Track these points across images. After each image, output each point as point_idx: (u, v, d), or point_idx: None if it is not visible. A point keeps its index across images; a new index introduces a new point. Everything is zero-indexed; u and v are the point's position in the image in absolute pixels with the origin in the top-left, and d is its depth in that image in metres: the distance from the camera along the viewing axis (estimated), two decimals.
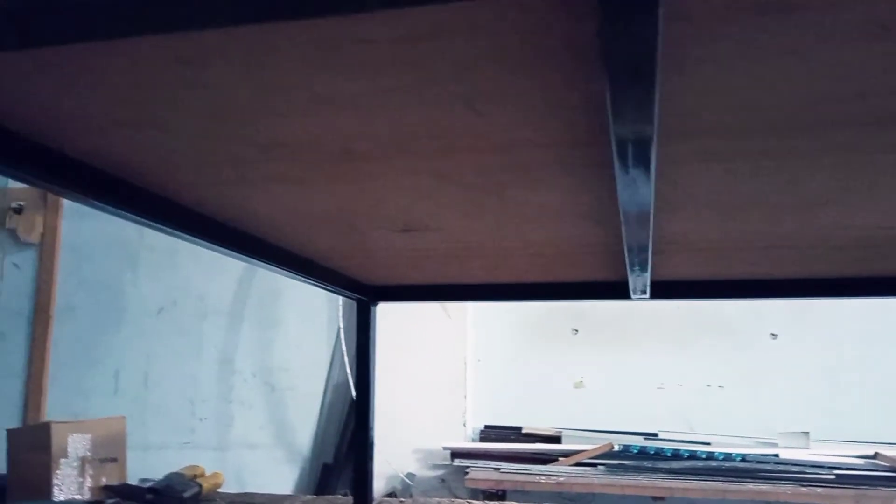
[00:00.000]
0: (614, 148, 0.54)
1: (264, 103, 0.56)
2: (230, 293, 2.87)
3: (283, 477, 2.75)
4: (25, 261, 3.00)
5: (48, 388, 2.92)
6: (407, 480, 2.54)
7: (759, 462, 2.14)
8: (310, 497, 1.60)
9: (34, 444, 1.25)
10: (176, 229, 0.85)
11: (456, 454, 2.47)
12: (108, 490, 1.31)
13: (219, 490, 1.52)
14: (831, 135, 0.59)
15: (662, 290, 1.16)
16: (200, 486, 1.37)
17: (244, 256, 1.01)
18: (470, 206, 0.82)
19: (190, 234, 0.88)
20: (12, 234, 2.98)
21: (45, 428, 1.23)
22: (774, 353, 2.39)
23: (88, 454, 1.30)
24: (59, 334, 2.94)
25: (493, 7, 0.42)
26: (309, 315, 2.82)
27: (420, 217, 0.88)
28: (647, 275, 0.99)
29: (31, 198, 2.94)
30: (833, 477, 2.03)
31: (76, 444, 1.28)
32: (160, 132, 0.61)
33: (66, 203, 2.96)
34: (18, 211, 2.94)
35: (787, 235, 0.94)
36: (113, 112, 0.58)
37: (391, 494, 2.55)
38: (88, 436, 1.30)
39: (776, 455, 2.15)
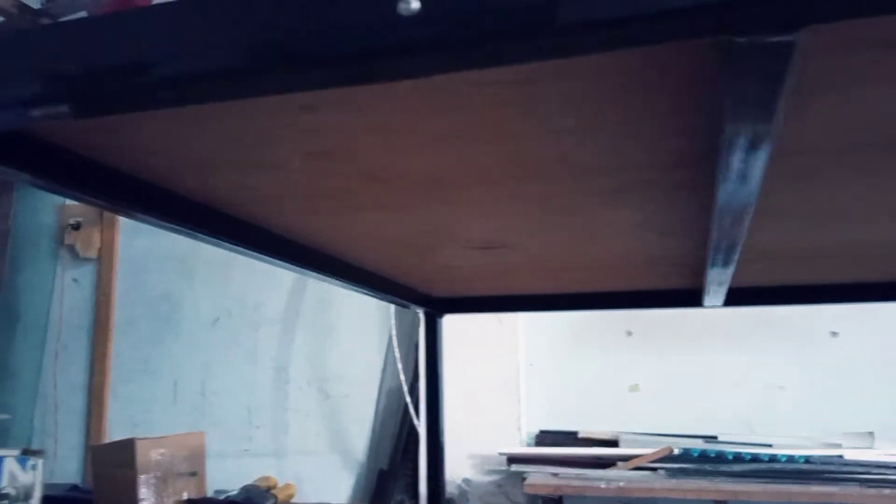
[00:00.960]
0: (723, 169, 0.54)
1: (371, 141, 0.58)
2: (283, 303, 2.91)
3: (340, 483, 2.79)
4: (84, 276, 3.09)
5: (109, 399, 3.00)
6: (463, 486, 2.55)
7: (823, 463, 2.11)
8: None
9: (119, 459, 1.29)
10: (263, 253, 0.88)
11: (512, 459, 2.47)
12: (192, 503, 1.35)
13: (292, 501, 1.55)
14: None
15: (736, 296, 1.15)
16: (276, 497, 1.40)
17: (322, 275, 1.03)
18: (551, 226, 0.83)
19: (275, 257, 0.91)
20: (71, 250, 3.07)
21: (130, 444, 1.27)
22: (835, 352, 2.35)
23: (170, 469, 1.34)
24: (119, 347, 3.02)
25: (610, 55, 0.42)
26: (360, 323, 2.86)
27: (500, 236, 0.89)
28: (727, 283, 0.99)
29: (88, 214, 3.02)
30: None
31: (159, 459, 1.32)
32: (270, 170, 0.64)
33: (122, 219, 3.04)
34: (76, 227, 3.03)
35: (870, 242, 0.93)
36: (229, 154, 0.60)
37: (449, 500, 2.56)
38: (170, 451, 1.34)
39: (840, 456, 2.12)
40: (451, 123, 0.54)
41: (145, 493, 1.29)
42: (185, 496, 1.35)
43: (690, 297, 1.19)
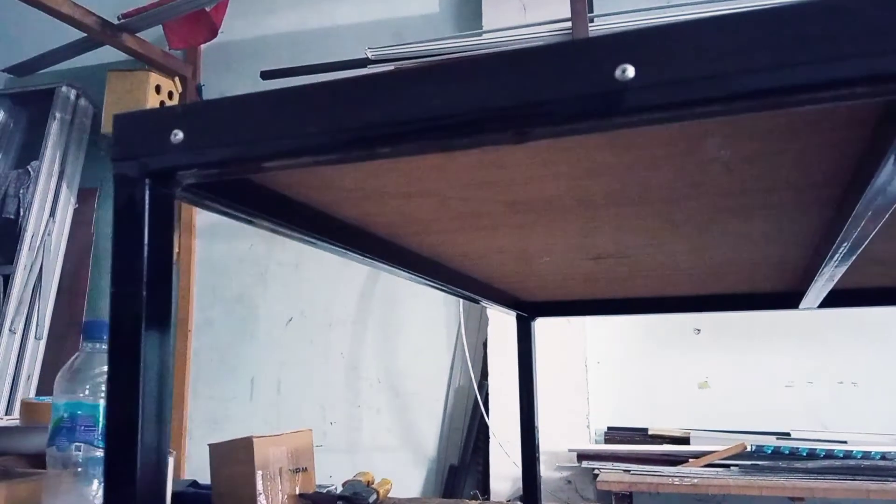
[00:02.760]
0: (867, 197, 0.59)
1: (534, 173, 0.64)
2: (353, 303, 3.00)
3: (411, 478, 2.87)
4: None
5: (189, 397, 3.13)
6: None
7: None
8: (477, 502, 1.69)
9: (237, 457, 1.38)
10: (378, 260, 0.95)
11: (582, 456, 2.52)
12: (304, 498, 1.43)
13: (389, 495, 1.62)
14: None
15: (832, 299, 1.18)
16: (377, 491, 1.47)
17: (425, 280, 1.09)
18: (672, 239, 0.88)
19: (400, 268, 0.98)
20: None
21: (248, 442, 1.36)
22: None
23: (284, 465, 1.42)
24: (198, 346, 3.15)
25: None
26: (428, 322, 2.93)
27: (617, 249, 0.95)
28: (831, 286, 1.03)
29: None
30: None
31: (274, 456, 1.41)
32: (429, 199, 0.71)
33: (199, 224, 3.17)
34: None
35: None
36: (397, 187, 0.68)
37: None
38: (283, 448, 1.42)
39: None
40: (612, 156, 0.60)
41: (262, 488, 1.38)
42: (296, 490, 1.44)
43: (788, 299, 1.22)
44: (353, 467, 2.81)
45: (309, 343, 3.04)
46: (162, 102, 2.93)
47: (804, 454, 2.23)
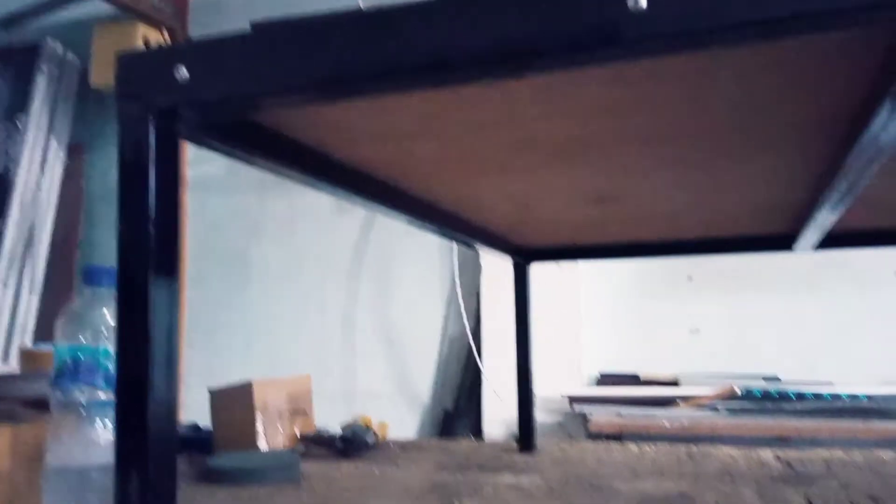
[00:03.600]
0: (867, 135, 0.59)
1: (537, 112, 0.64)
2: (347, 256, 3.01)
3: (407, 423, 2.92)
4: None
5: (184, 348, 3.15)
6: None
7: (885, 401, 2.16)
8: (473, 442, 1.73)
9: (237, 401, 1.40)
10: (392, 209, 0.96)
11: (574, 400, 2.56)
12: (303, 439, 1.46)
13: (386, 437, 1.66)
14: None
15: (826, 241, 1.20)
16: (376, 434, 1.50)
17: (431, 226, 1.10)
18: (675, 181, 0.89)
19: (400, 212, 0.98)
20: None
21: (248, 387, 1.38)
22: None
23: (283, 408, 1.45)
24: (193, 299, 3.16)
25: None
26: (423, 271, 2.95)
27: (619, 191, 0.95)
28: (827, 228, 1.04)
29: None
30: None
31: (273, 400, 1.43)
32: (429, 141, 0.71)
33: (192, 177, 3.14)
34: None
35: None
36: (401, 128, 0.68)
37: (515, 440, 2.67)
38: (283, 391, 1.45)
39: None
40: (620, 93, 0.60)
41: (262, 430, 1.40)
42: (296, 432, 1.47)
43: (784, 242, 1.24)
44: (349, 414, 2.85)
45: (303, 295, 3.05)
46: (148, 46, 2.87)
47: (792, 396, 2.28)
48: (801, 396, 2.26)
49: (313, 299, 3.05)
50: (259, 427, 1.40)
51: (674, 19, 0.42)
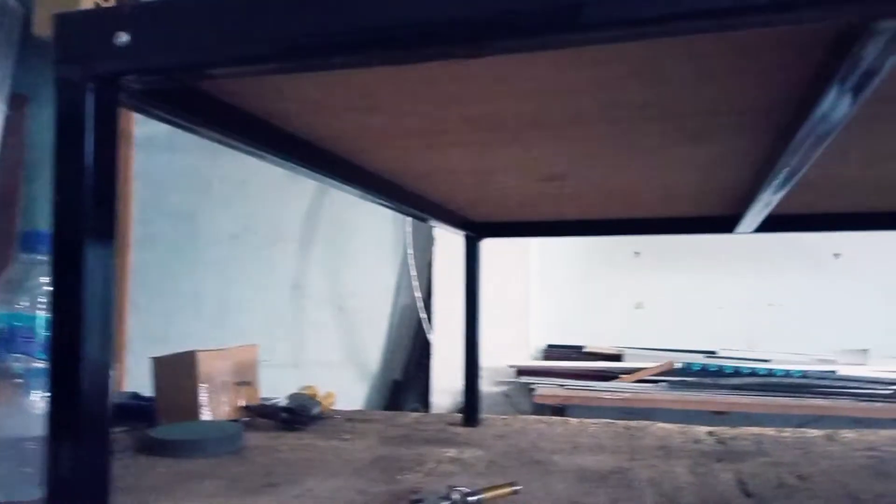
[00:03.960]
0: (810, 122, 0.61)
1: (486, 89, 0.63)
2: (300, 221, 2.98)
3: (356, 392, 2.93)
4: None
5: (128, 313, 3.09)
6: None
7: (818, 378, 2.25)
8: (419, 414, 1.74)
9: (181, 370, 1.38)
10: (343, 182, 0.95)
11: (520, 371, 2.61)
12: (247, 410, 1.45)
13: (332, 407, 1.66)
14: None
15: (768, 224, 1.23)
16: (321, 404, 1.50)
17: (373, 196, 1.09)
18: (622, 162, 0.90)
19: (351, 185, 0.97)
20: None
21: (191, 356, 1.36)
22: (836, 273, 2.47)
23: (227, 378, 1.43)
24: (139, 262, 3.09)
25: None
26: (376, 241, 2.93)
27: (567, 170, 0.96)
28: (767, 211, 1.07)
29: None
30: (890, 392, 2.13)
31: (217, 370, 1.41)
32: (379, 115, 0.70)
33: (138, 134, 3.05)
34: None
35: None
36: (349, 101, 0.66)
37: (460, 411, 2.70)
38: (228, 362, 1.43)
39: (834, 371, 2.26)
40: (572, 74, 0.60)
41: (205, 401, 1.39)
42: (241, 403, 1.46)
43: (726, 223, 1.27)
44: (298, 382, 2.83)
45: (254, 260, 3.01)
46: (97, 3, 2.75)
47: (729, 371, 2.35)
48: (737, 371, 2.34)
49: (264, 264, 3.01)
50: (202, 397, 1.38)
51: (625, 5, 0.42)
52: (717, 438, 1.45)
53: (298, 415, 1.43)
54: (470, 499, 0.97)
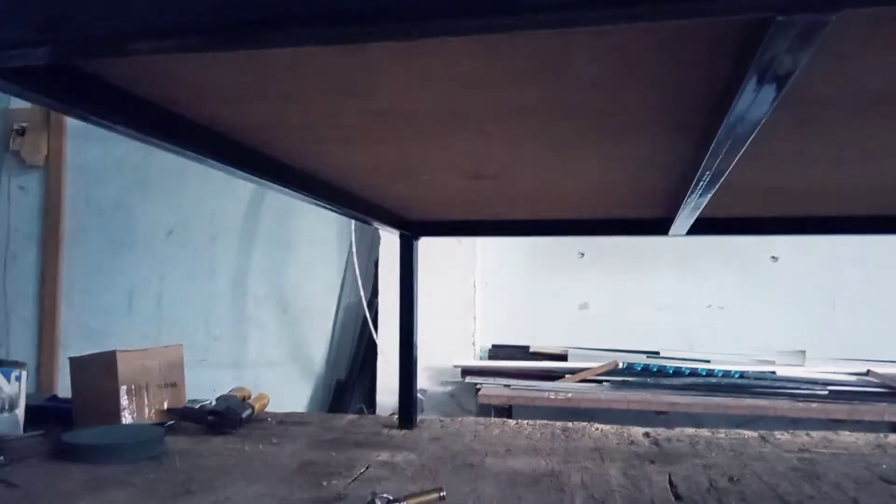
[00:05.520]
0: (728, 122, 0.59)
1: (398, 81, 0.60)
2: (240, 216, 2.90)
3: (299, 393, 2.87)
4: (31, 183, 2.99)
5: (61, 310, 2.97)
6: (419, 396, 2.66)
7: (756, 378, 2.28)
8: (354, 416, 1.70)
9: (100, 371, 1.32)
10: (253, 174, 0.90)
11: (466, 371, 2.58)
12: (172, 413, 1.39)
13: (265, 410, 1.61)
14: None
15: (699, 227, 1.22)
16: (252, 406, 1.45)
17: (308, 197, 1.05)
18: (550, 161, 0.87)
19: (262, 178, 0.92)
20: (17, 156, 2.95)
21: (111, 356, 1.29)
22: (774, 276, 2.50)
23: (152, 380, 1.37)
24: (72, 256, 2.97)
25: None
26: (320, 237, 2.87)
27: (495, 168, 0.93)
28: (697, 213, 1.06)
29: (35, 119, 2.90)
30: (826, 392, 2.17)
31: (140, 371, 1.35)
32: (295, 104, 0.66)
33: (71, 124, 2.93)
34: (21, 133, 2.90)
35: (832, 184, 1.00)
36: (252, 88, 0.62)
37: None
38: (150, 363, 1.37)
39: (773, 372, 2.29)
40: (483, 67, 0.57)
41: (126, 403, 1.33)
42: (165, 406, 1.39)
43: (659, 225, 1.26)
44: (238, 382, 2.76)
45: (192, 256, 2.92)
46: None
47: (671, 371, 2.37)
48: (678, 372, 2.36)
49: (202, 260, 2.92)
50: (122, 400, 1.31)
51: None
52: (653, 440, 1.44)
53: (226, 417, 1.38)
54: None
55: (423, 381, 2.67)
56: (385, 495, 0.94)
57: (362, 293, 2.77)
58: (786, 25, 0.41)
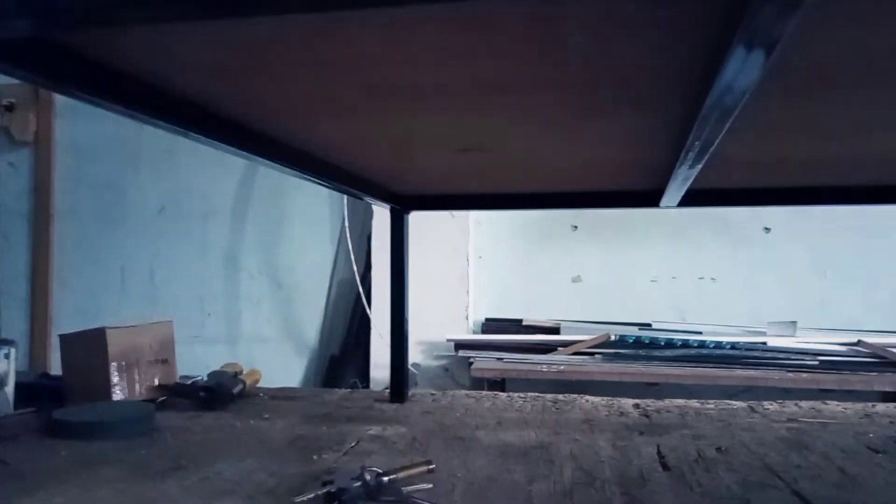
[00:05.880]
0: (714, 93, 0.58)
1: (382, 54, 0.59)
2: (232, 192, 2.88)
3: (293, 368, 2.88)
4: (21, 160, 2.96)
5: (53, 287, 2.97)
6: (413, 370, 2.67)
7: (748, 349, 2.29)
8: (346, 390, 1.71)
9: (90, 348, 1.31)
10: (248, 151, 0.89)
11: (459, 345, 2.59)
12: (163, 389, 1.39)
13: (258, 385, 1.61)
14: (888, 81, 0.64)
15: (689, 198, 1.22)
16: (244, 382, 1.45)
17: (298, 172, 1.04)
18: (539, 132, 0.86)
19: (256, 154, 0.92)
20: (5, 132, 2.92)
21: (101, 333, 1.29)
22: (767, 247, 2.51)
23: (141, 356, 1.37)
24: (63, 234, 2.96)
25: None
26: (312, 213, 2.86)
27: (482, 140, 0.92)
28: (687, 184, 1.05)
29: (23, 95, 2.86)
30: (817, 363, 2.18)
31: (130, 348, 1.35)
32: (276, 78, 0.65)
33: (59, 101, 2.90)
34: (10, 108, 2.87)
35: (822, 155, 1.00)
36: (237, 62, 0.61)
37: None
38: (142, 339, 1.36)
39: (764, 343, 2.30)
40: (467, 38, 0.56)
41: (117, 380, 1.33)
42: (156, 382, 1.40)
43: (649, 197, 1.25)
44: (232, 358, 2.77)
45: (184, 233, 2.91)
46: None
47: (662, 343, 2.37)
48: (669, 343, 2.36)
49: (195, 237, 2.91)
50: (114, 377, 1.32)
51: None
52: (643, 411, 1.45)
53: (218, 393, 1.38)
54: (383, 479, 0.94)
55: (416, 356, 2.68)
56: (374, 469, 0.94)
57: (355, 268, 2.76)
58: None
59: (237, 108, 0.78)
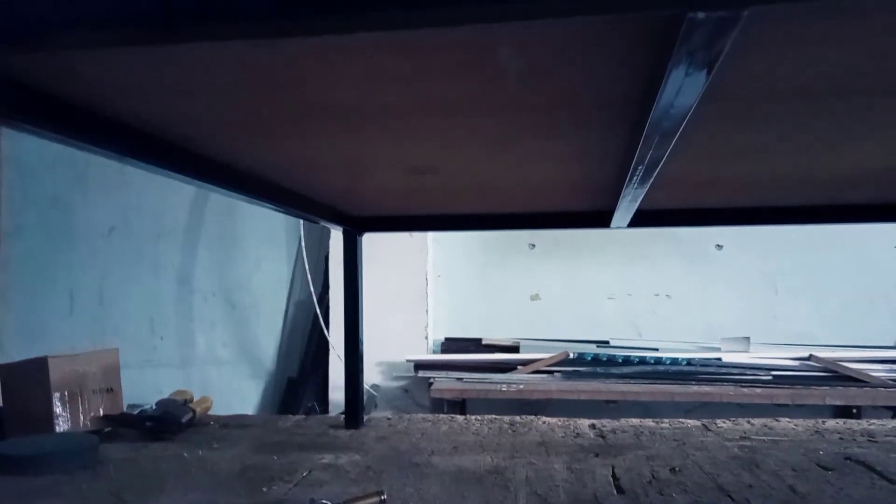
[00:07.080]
0: (655, 115, 0.58)
1: (320, 76, 0.58)
2: (185, 212, 2.83)
3: (249, 392, 2.82)
4: None
5: (2, 311, 2.87)
6: (372, 391, 2.64)
7: (703, 365, 2.31)
8: (300, 417, 1.67)
9: (31, 378, 1.27)
10: (189, 175, 0.87)
11: (419, 366, 2.57)
12: (109, 419, 1.35)
13: (209, 413, 1.57)
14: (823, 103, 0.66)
15: (639, 219, 1.22)
16: (194, 410, 1.41)
17: (249, 197, 1.02)
18: (486, 154, 0.86)
19: (202, 179, 0.90)
20: None
21: (42, 362, 1.24)
22: (719, 264, 2.55)
23: (85, 386, 1.32)
24: (9, 254, 2.87)
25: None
26: (268, 233, 2.83)
27: (431, 162, 0.91)
28: (636, 205, 1.06)
29: None
30: (770, 378, 2.22)
31: (74, 377, 1.30)
32: (216, 97, 0.63)
33: None
34: None
35: (768, 175, 1.01)
36: (188, 84, 0.59)
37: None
38: (84, 368, 1.32)
39: (719, 359, 2.33)
40: (404, 62, 0.55)
41: (60, 411, 1.28)
42: (101, 412, 1.35)
43: (599, 218, 1.26)
44: (185, 383, 2.71)
45: (135, 254, 2.84)
46: None
47: (620, 360, 2.39)
48: (627, 360, 2.38)
49: (146, 258, 2.85)
50: (56, 407, 1.27)
51: None
52: (598, 432, 1.45)
53: (165, 423, 1.34)
54: None
55: (375, 377, 2.66)
56: (324, 501, 0.92)
57: (312, 289, 2.73)
58: (699, 21, 0.40)
59: (177, 132, 0.76)
